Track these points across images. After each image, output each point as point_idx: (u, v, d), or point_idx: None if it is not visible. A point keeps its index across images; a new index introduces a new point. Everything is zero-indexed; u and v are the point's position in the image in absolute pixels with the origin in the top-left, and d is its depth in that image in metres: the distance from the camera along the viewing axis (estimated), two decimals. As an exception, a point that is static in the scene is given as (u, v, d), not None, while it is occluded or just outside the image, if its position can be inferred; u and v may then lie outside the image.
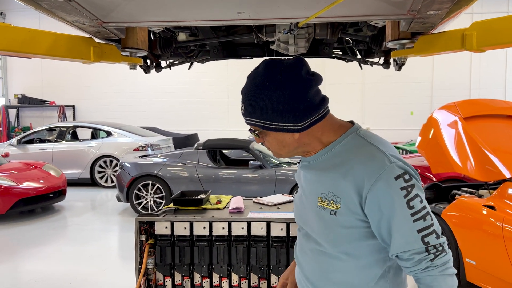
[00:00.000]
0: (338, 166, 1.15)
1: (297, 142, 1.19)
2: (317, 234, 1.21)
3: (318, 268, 1.22)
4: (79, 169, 9.62)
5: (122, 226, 6.50)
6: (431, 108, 13.14)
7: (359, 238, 1.14)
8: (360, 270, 1.16)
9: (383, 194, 1.07)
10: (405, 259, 1.09)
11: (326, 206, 1.15)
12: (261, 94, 1.14)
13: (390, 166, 1.09)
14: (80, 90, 14.76)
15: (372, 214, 1.09)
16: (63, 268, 4.65)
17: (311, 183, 1.24)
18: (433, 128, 4.23)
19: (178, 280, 2.17)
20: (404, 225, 1.06)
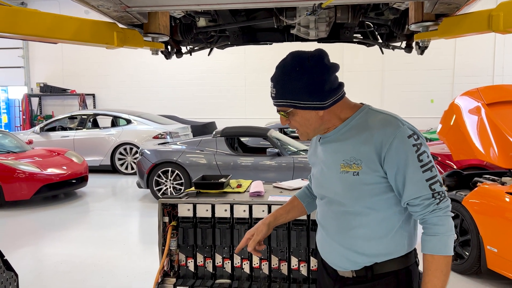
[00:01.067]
0: (357, 135, 1.36)
1: (321, 119, 1.40)
2: (342, 196, 1.39)
3: (342, 227, 1.41)
4: (100, 156, 9.81)
5: (143, 211, 6.63)
6: (452, 95, 12.87)
7: (379, 193, 1.35)
8: (380, 222, 1.37)
9: (399, 151, 1.29)
10: (416, 204, 1.31)
11: (348, 169, 1.36)
12: (292, 78, 1.35)
13: (402, 128, 1.32)
14: (99, 79, 14.97)
15: (390, 169, 1.31)
16: (86, 251, 4.79)
17: (332, 154, 1.42)
18: (455, 115, 4.16)
19: (200, 261, 2.21)
20: (415, 176, 1.29)
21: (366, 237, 1.38)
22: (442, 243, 1.29)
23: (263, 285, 2.11)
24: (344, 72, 13.32)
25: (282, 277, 2.15)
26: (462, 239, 3.89)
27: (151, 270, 4.09)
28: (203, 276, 2.22)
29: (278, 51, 14.62)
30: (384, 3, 2.41)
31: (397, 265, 1.38)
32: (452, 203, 4.05)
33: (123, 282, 3.90)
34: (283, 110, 1.39)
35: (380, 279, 1.38)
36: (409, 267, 1.41)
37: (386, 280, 1.38)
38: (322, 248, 1.51)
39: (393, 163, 1.30)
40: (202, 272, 2.22)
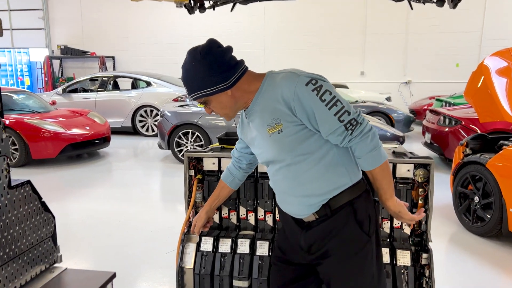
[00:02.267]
0: (269, 99, 1.51)
1: (233, 98, 1.55)
2: (278, 154, 1.54)
3: (289, 180, 1.56)
4: (121, 118, 9.95)
5: (164, 171, 6.77)
6: (479, 59, 12.43)
7: (305, 138, 1.49)
8: (318, 162, 1.51)
9: (302, 99, 1.44)
10: (334, 139, 1.48)
11: (273, 130, 1.51)
12: (192, 72, 1.52)
13: (299, 78, 1.46)
14: (119, 41, 14.96)
15: (303, 116, 1.46)
16: (111, 207, 4.96)
17: (259, 123, 1.56)
18: (483, 76, 4.04)
19: (224, 213, 2.27)
20: (323, 114, 1.44)
21: (312, 179, 1.52)
22: (371, 159, 1.49)
23: (286, 237, 2.16)
24: (367, 35, 12.96)
25: (305, 230, 2.20)
26: (484, 202, 3.86)
27: (175, 226, 4.22)
28: (228, 228, 2.28)
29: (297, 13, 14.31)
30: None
31: (349, 196, 1.54)
32: (475, 166, 4.01)
33: (147, 236, 4.05)
34: (200, 102, 1.56)
35: (339, 212, 1.53)
36: (361, 195, 1.57)
37: (344, 211, 1.53)
38: (283, 205, 1.66)
39: (302, 110, 1.45)
40: (226, 224, 2.28)
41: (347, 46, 13.20)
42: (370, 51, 13.00)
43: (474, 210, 4.00)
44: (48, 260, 1.85)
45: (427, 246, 2.04)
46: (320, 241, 1.56)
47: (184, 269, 2.16)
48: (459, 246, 3.80)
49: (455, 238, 3.99)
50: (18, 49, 16.20)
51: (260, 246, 2.12)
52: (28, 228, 1.70)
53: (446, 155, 6.30)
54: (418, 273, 2.03)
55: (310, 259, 1.62)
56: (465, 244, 3.84)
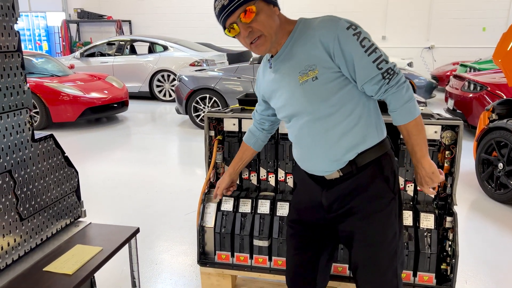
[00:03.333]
0: (304, 45, 1.43)
1: (278, 20, 1.44)
2: (308, 105, 1.45)
3: (317, 134, 1.48)
4: (139, 83, 9.95)
5: (182, 136, 6.81)
6: (507, 23, 11.88)
7: (340, 88, 1.42)
8: (349, 115, 1.44)
9: (342, 43, 1.37)
10: (370, 88, 1.41)
11: (306, 78, 1.42)
12: None
13: (340, 22, 1.39)
14: (135, 5, 14.76)
15: (341, 62, 1.39)
16: (130, 169, 5.03)
17: (288, 73, 1.48)
18: (514, 38, 3.84)
19: (245, 174, 2.26)
20: (362, 60, 1.37)
21: (341, 133, 1.45)
22: (406, 112, 1.42)
23: (306, 199, 2.15)
24: (390, -3, 12.46)
25: (326, 192, 2.18)
26: (508, 168, 3.77)
27: (194, 188, 4.27)
28: (248, 188, 2.28)
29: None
30: None
31: (376, 153, 1.49)
32: (501, 131, 3.90)
33: (167, 198, 4.11)
34: (247, 8, 1.37)
35: (365, 169, 1.48)
36: (387, 153, 1.53)
37: (370, 169, 1.48)
38: (304, 163, 1.60)
39: (341, 55, 1.38)
40: (247, 185, 2.28)
41: (368, 9, 12.75)
42: (392, 15, 12.53)
43: (497, 177, 3.92)
44: (72, 214, 1.88)
45: (451, 210, 2.01)
46: (343, 198, 1.52)
47: (205, 228, 2.18)
48: (480, 212, 3.76)
49: (476, 204, 3.94)
50: (35, 13, 16.16)
51: (281, 207, 2.12)
52: (52, 182, 1.72)
53: (469, 121, 6.14)
54: (441, 237, 2.01)
55: (330, 217, 1.57)
56: (487, 211, 3.79)
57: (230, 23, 1.41)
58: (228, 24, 1.42)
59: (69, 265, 1.55)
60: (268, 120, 1.82)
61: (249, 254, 2.14)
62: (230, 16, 1.39)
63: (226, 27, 1.44)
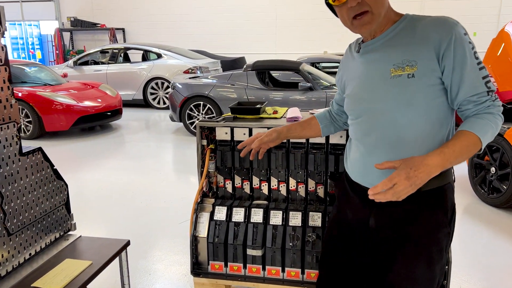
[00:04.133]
0: (409, 38, 1.29)
1: (388, 3, 1.32)
2: (392, 103, 1.30)
3: (389, 140, 1.33)
4: (133, 91, 9.93)
5: (176, 143, 6.79)
6: (498, 28, 12.02)
7: (433, 96, 1.29)
8: (430, 132, 1.30)
9: (457, 47, 1.24)
10: (473, 101, 1.26)
11: (401, 72, 1.28)
12: None
13: (458, 25, 1.27)
14: (128, 13, 14.78)
15: (448, 66, 1.25)
16: (124, 178, 5.01)
17: (379, 62, 1.34)
18: (504, 43, 3.90)
19: (238, 182, 2.26)
20: (473, 72, 1.25)
21: (415, 147, 1.30)
22: (486, 128, 1.23)
23: (299, 207, 2.15)
24: (381, 3, 12.56)
25: (319, 199, 2.18)
26: (500, 172, 3.80)
27: (188, 197, 4.26)
28: (241, 197, 2.27)
29: (312, -21, 13.42)
30: None
31: (441, 180, 1.33)
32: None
33: (161, 206, 4.09)
34: None
35: (428, 197, 1.32)
36: (451, 183, 1.38)
37: (434, 196, 1.33)
38: (359, 168, 1.42)
39: (451, 59, 1.24)
40: (239, 193, 2.27)
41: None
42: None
43: (490, 181, 3.94)
44: (62, 227, 1.87)
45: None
46: (396, 223, 1.35)
47: (198, 238, 2.17)
48: (474, 217, 3.77)
49: (470, 209, 3.96)
50: (28, 22, 16.13)
51: (274, 216, 2.12)
52: (40, 195, 1.71)
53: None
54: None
55: (377, 240, 1.39)
56: (480, 215, 3.80)
57: None
58: None
59: (58, 280, 1.54)
60: (345, 112, 1.64)
61: (243, 263, 2.13)
62: None
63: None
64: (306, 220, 2.08)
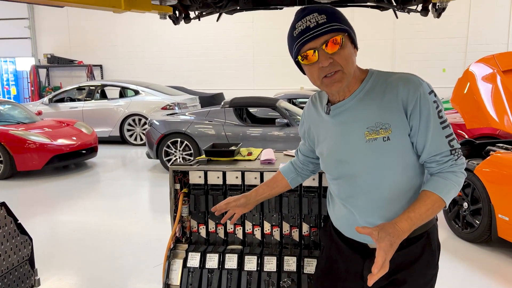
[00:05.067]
0: (378, 99, 1.31)
1: (356, 63, 1.33)
2: (372, 166, 1.32)
3: (373, 200, 1.36)
4: (109, 127, 9.84)
5: (153, 181, 6.69)
6: (465, 64, 12.56)
7: (410, 154, 1.32)
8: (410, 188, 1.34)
9: (423, 107, 1.27)
10: (436, 161, 1.30)
11: (376, 136, 1.29)
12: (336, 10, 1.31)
13: (424, 84, 1.29)
14: (106, 50, 14.85)
15: (415, 124, 1.28)
16: (98, 219, 4.87)
17: (351, 124, 1.34)
18: (469, 82, 4.07)
19: (212, 227, 2.22)
20: (436, 132, 1.28)
21: (400, 202, 1.34)
22: (448, 188, 1.28)
23: (274, 251, 2.12)
24: (354, 41, 13.04)
25: (294, 243, 2.16)
26: (473, 208, 3.87)
27: (163, 238, 4.14)
28: (215, 242, 2.23)
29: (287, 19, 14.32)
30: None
31: (426, 225, 1.37)
32: (464, 171, 3.94)
33: (135, 249, 3.97)
34: (335, 38, 1.22)
35: (415, 243, 1.38)
36: (435, 224, 1.44)
37: (421, 242, 1.38)
38: (348, 225, 1.44)
39: (418, 119, 1.27)
40: (213, 238, 2.23)
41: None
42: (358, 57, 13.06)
43: (463, 216, 4.00)
44: (25, 284, 1.78)
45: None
46: (390, 271, 1.32)
47: (171, 286, 2.11)
48: (449, 252, 3.80)
49: (445, 244, 3.98)
50: (3, 58, 15.99)
51: (248, 261, 2.08)
52: (2, 252, 1.64)
53: (434, 160, 6.32)
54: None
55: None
56: (456, 250, 3.83)
57: (308, 49, 1.24)
58: (306, 49, 1.24)
59: None
60: (312, 162, 1.69)
61: (217, 311, 2.07)
62: (312, 41, 1.23)
63: (301, 52, 1.26)
64: (281, 265, 2.05)
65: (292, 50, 1.30)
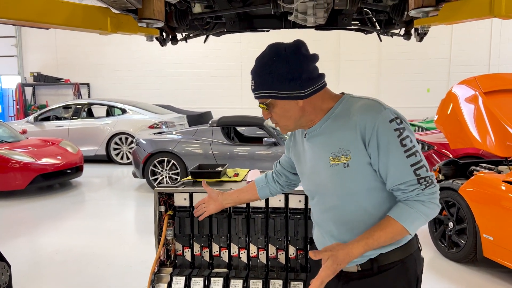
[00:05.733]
0: (342, 125, 1.33)
1: (301, 110, 1.35)
2: (333, 191, 1.36)
3: (342, 223, 1.37)
4: (95, 146, 9.74)
5: (138, 201, 6.61)
6: (448, 85, 12.84)
7: (373, 181, 1.32)
8: (377, 213, 1.33)
9: (380, 135, 1.26)
10: (401, 190, 1.29)
11: (338, 161, 1.32)
12: (269, 68, 1.32)
13: (385, 111, 1.29)
14: (94, 68, 14.82)
15: (373, 153, 1.28)
16: (82, 241, 4.77)
17: (320, 148, 1.39)
18: (452, 103, 4.14)
19: (197, 250, 2.19)
20: (399, 161, 1.26)
21: (367, 226, 1.33)
22: (412, 218, 1.27)
23: (260, 274, 2.10)
24: (341, 61, 13.25)
25: (280, 266, 2.14)
26: (458, 227, 3.89)
27: (148, 260, 4.07)
28: (200, 266, 2.20)
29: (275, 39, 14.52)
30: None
31: (401, 253, 1.36)
32: (448, 191, 4.02)
33: (119, 272, 3.89)
34: (262, 102, 1.36)
35: (388, 270, 1.36)
36: (413, 254, 1.40)
37: (393, 271, 1.36)
38: (321, 246, 1.46)
39: (376, 148, 1.27)
40: (199, 262, 2.20)
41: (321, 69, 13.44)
42: (344, 77, 13.28)
43: (449, 236, 4.02)
44: (3, 311, 1.72)
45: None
46: None
47: (155, 311, 2.06)
48: (436, 272, 3.80)
49: (432, 264, 3.99)
50: (-11, 76, 15.83)
51: (234, 285, 2.05)
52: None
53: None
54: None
55: None
56: (442, 270, 3.84)
57: (258, 103, 1.40)
58: (258, 103, 1.40)
59: None
60: (286, 176, 1.73)
61: (202, 337, 2.02)
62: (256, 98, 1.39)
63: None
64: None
65: None
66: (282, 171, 1.74)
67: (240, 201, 1.81)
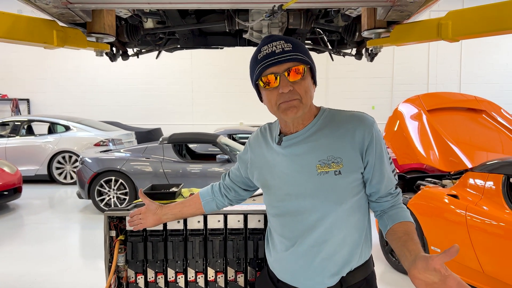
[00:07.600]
0: (331, 133, 1.31)
1: (313, 96, 1.34)
2: (320, 201, 1.28)
3: (319, 237, 1.30)
4: (36, 166, 9.16)
5: (84, 224, 6.25)
6: (392, 102, 13.51)
7: (358, 191, 1.32)
8: (355, 224, 1.33)
9: (377, 144, 1.30)
10: (390, 194, 1.36)
11: (327, 169, 1.27)
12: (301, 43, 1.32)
13: (375, 123, 1.34)
14: (35, 83, 14.05)
15: (371, 161, 1.29)
16: (21, 268, 4.40)
17: (302, 156, 1.32)
18: (398, 121, 4.33)
19: (151, 277, 2.07)
20: (387, 169, 1.33)
21: (345, 243, 1.31)
22: (408, 214, 1.35)
23: (219, 299, 2.02)
24: (290, 78, 13.54)
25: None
26: (407, 240, 4.02)
27: (96, 287, 3.83)
28: (155, 293, 2.08)
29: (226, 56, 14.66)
30: (336, 10, 2.43)
31: (365, 271, 1.37)
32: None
33: (63, 302, 3.61)
34: (297, 67, 1.24)
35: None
36: (373, 271, 1.42)
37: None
38: (286, 267, 1.37)
39: (373, 156, 1.29)
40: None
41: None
42: (294, 94, 13.54)
43: (399, 249, 4.14)
44: None
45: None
46: None
47: None
48: (388, 285, 3.88)
49: (383, 277, 4.08)
50: None
51: (191, 312, 1.95)
52: None
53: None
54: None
55: None
56: (393, 283, 3.93)
57: (271, 73, 1.24)
58: (268, 73, 1.24)
59: None
60: (235, 191, 1.66)
61: None
62: (276, 66, 1.24)
63: (262, 75, 1.26)
64: (226, 314, 1.95)
65: (254, 72, 1.30)
66: (232, 185, 1.65)
67: (182, 216, 1.73)
